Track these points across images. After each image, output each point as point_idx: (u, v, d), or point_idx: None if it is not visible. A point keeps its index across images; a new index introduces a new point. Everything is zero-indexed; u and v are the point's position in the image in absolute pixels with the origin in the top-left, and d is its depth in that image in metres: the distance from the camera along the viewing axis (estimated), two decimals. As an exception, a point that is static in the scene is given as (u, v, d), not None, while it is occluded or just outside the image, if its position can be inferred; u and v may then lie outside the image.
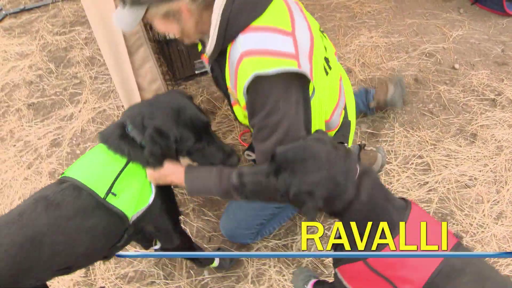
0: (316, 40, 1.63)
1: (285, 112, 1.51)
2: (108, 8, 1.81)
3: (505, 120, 2.66)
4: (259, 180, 1.43)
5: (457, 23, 3.41)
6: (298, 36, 1.51)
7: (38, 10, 3.99)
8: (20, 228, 1.44)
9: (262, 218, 2.06)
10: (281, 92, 1.49)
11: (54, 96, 3.14)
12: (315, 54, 1.58)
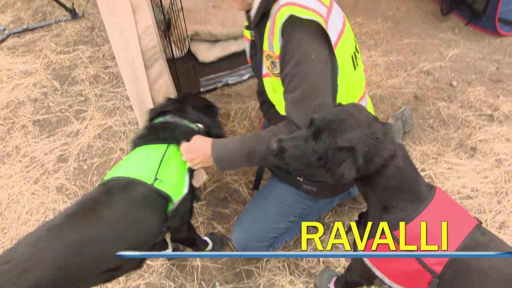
0: (347, 30, 1.73)
1: (315, 64, 1.57)
2: (127, 25, 1.88)
3: (502, 134, 2.75)
4: (298, 144, 1.44)
5: (452, 42, 3.52)
6: (332, 13, 1.63)
7: (41, 29, 4.04)
8: (68, 230, 1.45)
9: (276, 232, 2.08)
10: (312, 43, 1.57)
11: (59, 113, 3.17)
12: (344, 39, 1.67)
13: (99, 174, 2.71)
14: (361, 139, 1.35)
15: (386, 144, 1.37)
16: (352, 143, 1.35)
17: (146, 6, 1.87)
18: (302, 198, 2.05)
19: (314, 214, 2.22)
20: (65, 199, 2.59)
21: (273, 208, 2.06)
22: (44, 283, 1.34)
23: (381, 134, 1.37)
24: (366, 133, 1.35)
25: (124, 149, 2.84)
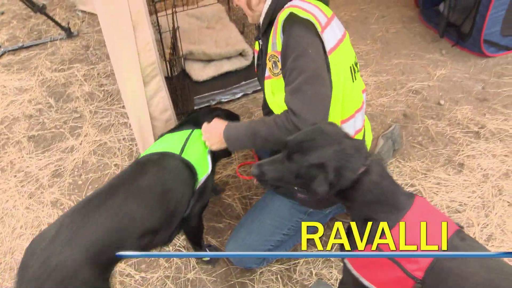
0: (347, 42, 1.86)
1: (313, 58, 1.69)
2: (127, 41, 1.94)
3: (489, 151, 2.83)
4: (275, 166, 1.52)
5: (440, 63, 3.62)
6: (332, 24, 1.78)
7: (37, 47, 4.09)
8: (111, 199, 1.68)
9: (270, 244, 2.12)
10: (310, 40, 1.71)
11: (54, 129, 3.21)
12: (343, 48, 1.81)
13: (94, 189, 2.73)
14: (331, 156, 1.42)
15: (358, 159, 1.44)
16: (322, 159, 1.42)
17: (146, 23, 1.94)
18: (296, 212, 2.10)
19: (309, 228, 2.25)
20: (60, 213, 2.61)
21: (268, 220, 2.11)
22: (97, 245, 1.56)
23: (352, 150, 1.44)
24: (336, 150, 1.43)
25: (119, 165, 2.88)
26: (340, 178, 1.44)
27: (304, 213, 2.11)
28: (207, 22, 3.99)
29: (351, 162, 1.43)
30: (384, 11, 4.36)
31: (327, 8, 1.85)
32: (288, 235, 2.15)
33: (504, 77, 3.44)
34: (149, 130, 2.18)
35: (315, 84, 1.68)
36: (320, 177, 1.43)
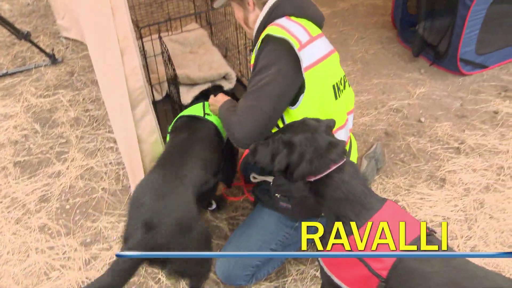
0: (332, 62, 1.99)
1: (270, 75, 1.83)
2: (116, 66, 1.98)
3: (469, 165, 2.91)
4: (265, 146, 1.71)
5: (419, 81, 3.73)
6: (316, 42, 1.90)
7: (21, 74, 4.10)
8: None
9: (258, 260, 2.15)
10: (276, 58, 1.85)
11: (40, 155, 3.21)
12: (324, 67, 1.93)
13: (81, 213, 2.75)
14: (301, 140, 1.60)
15: (328, 154, 1.58)
16: (292, 140, 1.60)
17: (133, 49, 1.99)
18: (283, 226, 2.14)
19: (295, 246, 2.27)
20: (47, 238, 2.61)
21: (255, 235, 2.15)
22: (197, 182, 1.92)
23: (324, 143, 1.59)
24: (308, 137, 1.60)
25: (106, 189, 2.89)
26: (301, 161, 1.59)
27: (291, 228, 2.16)
28: (190, 47, 4.04)
29: (317, 153, 1.58)
30: (363, 32, 4.49)
31: (314, 27, 1.97)
32: (275, 250, 2.17)
33: (481, 94, 3.55)
34: (137, 152, 2.22)
35: (255, 97, 1.85)
36: (284, 152, 1.61)
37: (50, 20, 5.01)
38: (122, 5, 1.90)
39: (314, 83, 1.87)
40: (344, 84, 2.07)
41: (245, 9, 2.07)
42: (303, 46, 1.84)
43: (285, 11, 1.95)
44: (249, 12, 2.05)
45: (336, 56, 2.06)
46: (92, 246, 2.54)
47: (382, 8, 4.96)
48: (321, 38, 1.97)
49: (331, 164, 1.58)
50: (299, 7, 1.97)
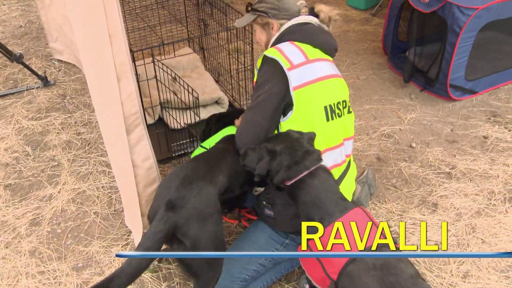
0: (329, 84, 2.12)
1: (265, 92, 2.04)
2: (112, 92, 1.99)
3: (461, 190, 2.94)
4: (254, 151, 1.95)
5: (410, 107, 3.78)
6: (311, 65, 2.07)
7: (13, 96, 4.09)
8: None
9: (247, 273, 2.18)
10: (270, 77, 2.05)
11: (32, 178, 3.19)
12: (317, 88, 2.07)
13: (73, 238, 2.72)
14: (282, 149, 1.85)
15: (304, 161, 1.83)
16: (275, 147, 1.86)
17: (130, 74, 2.00)
18: (273, 242, 2.21)
19: (286, 264, 2.33)
20: (38, 263, 2.57)
21: (247, 248, 2.23)
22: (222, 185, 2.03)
23: (301, 152, 1.84)
24: (289, 147, 1.85)
25: (99, 213, 2.87)
26: (280, 168, 1.84)
27: (281, 244, 2.22)
28: (183, 71, 4.07)
29: (294, 160, 1.83)
30: (355, 58, 4.55)
31: (316, 52, 2.15)
32: (264, 266, 2.22)
33: (471, 119, 3.60)
34: (131, 178, 2.21)
35: (254, 112, 2.07)
36: (266, 159, 1.86)
37: (42, 42, 5.03)
38: (120, 32, 1.92)
39: (303, 101, 2.03)
40: (343, 109, 2.17)
41: (268, 33, 2.30)
42: (295, 66, 2.03)
43: (291, 36, 2.15)
44: (271, 36, 2.27)
45: (338, 81, 2.18)
46: (84, 271, 2.51)
47: (372, 34, 5.04)
48: (321, 61, 2.12)
49: (304, 170, 1.83)
50: (306, 34, 2.16)
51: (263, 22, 2.29)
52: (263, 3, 2.26)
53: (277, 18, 2.23)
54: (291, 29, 2.19)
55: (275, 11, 2.22)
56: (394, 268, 1.65)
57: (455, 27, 3.44)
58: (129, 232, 2.70)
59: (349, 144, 2.29)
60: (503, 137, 3.40)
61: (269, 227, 2.24)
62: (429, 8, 3.57)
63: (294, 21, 2.21)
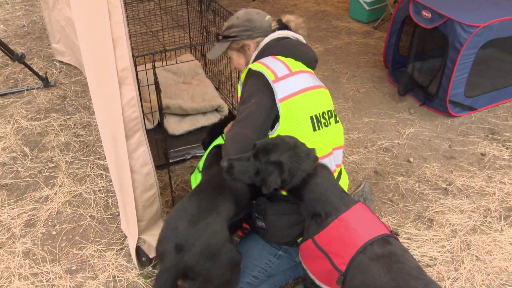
0: (315, 95, 2.15)
1: (252, 105, 2.06)
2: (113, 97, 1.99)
3: (457, 207, 2.94)
4: (243, 162, 1.91)
5: (408, 122, 3.79)
6: (295, 77, 2.10)
7: (13, 96, 4.10)
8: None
9: (239, 286, 2.16)
10: (256, 90, 2.08)
11: (28, 178, 3.19)
12: (302, 99, 2.09)
13: (68, 240, 2.71)
14: (287, 158, 1.85)
15: (308, 163, 1.87)
16: (280, 159, 1.85)
17: (131, 80, 2.01)
18: (267, 254, 2.22)
19: (280, 277, 2.33)
20: (32, 264, 2.56)
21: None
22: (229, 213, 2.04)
23: (303, 155, 1.87)
24: (291, 154, 1.86)
25: (95, 216, 2.87)
26: (293, 176, 1.86)
27: (274, 256, 2.23)
28: (184, 77, 4.09)
29: (301, 165, 1.86)
30: (355, 71, 4.57)
31: (298, 65, 2.18)
32: (258, 279, 2.22)
33: (469, 136, 3.62)
34: (129, 183, 2.21)
35: (241, 125, 2.06)
36: (275, 173, 1.85)
37: (44, 43, 5.04)
38: (123, 37, 1.93)
39: (289, 112, 2.05)
40: (330, 119, 2.19)
41: (246, 55, 2.31)
42: (280, 79, 2.05)
43: (273, 51, 2.19)
44: (250, 56, 2.28)
45: (321, 91, 2.21)
46: (77, 274, 2.51)
47: (374, 47, 5.07)
48: (303, 73, 2.15)
49: (308, 171, 1.87)
50: (287, 48, 2.20)
51: (239, 46, 2.30)
52: (233, 28, 2.28)
53: (252, 38, 2.27)
54: (270, 44, 2.22)
55: (248, 32, 2.25)
56: (401, 256, 1.71)
57: (456, 44, 3.46)
58: (124, 236, 2.70)
59: (339, 153, 2.28)
60: (500, 154, 3.41)
61: (262, 239, 2.25)
62: (431, 24, 3.60)
63: (271, 36, 2.24)
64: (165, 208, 2.89)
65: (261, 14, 2.30)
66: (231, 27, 2.29)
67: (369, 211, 1.90)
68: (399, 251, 1.74)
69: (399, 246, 1.78)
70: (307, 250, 1.90)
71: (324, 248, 1.81)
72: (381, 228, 1.82)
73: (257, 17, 2.27)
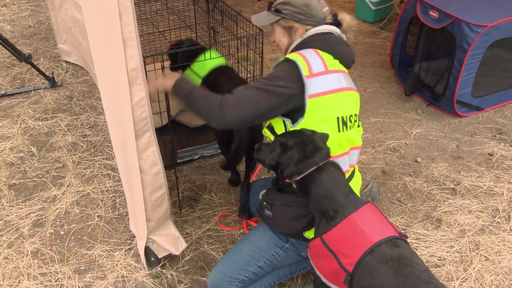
0: (346, 97, 2.12)
1: (277, 81, 2.02)
2: (123, 97, 1.99)
3: (465, 207, 2.94)
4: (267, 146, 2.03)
5: (416, 122, 3.79)
6: (330, 75, 2.08)
7: (19, 96, 4.11)
8: None
9: (245, 275, 2.20)
10: (288, 78, 2.02)
11: (36, 178, 3.19)
12: (334, 99, 2.07)
13: (76, 240, 2.72)
14: (293, 143, 1.90)
15: (313, 157, 1.88)
16: (287, 142, 1.91)
17: (141, 80, 2.00)
18: (273, 245, 2.23)
19: (285, 270, 2.38)
20: (40, 264, 2.57)
21: (246, 250, 2.24)
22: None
23: (311, 148, 1.88)
24: (299, 141, 1.90)
25: (103, 216, 2.87)
26: (289, 162, 1.90)
27: (281, 248, 2.24)
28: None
29: (304, 155, 1.88)
30: (362, 71, 4.57)
31: (335, 64, 2.13)
32: (264, 270, 2.24)
33: (476, 136, 3.61)
34: (138, 183, 2.21)
35: (260, 94, 2.00)
36: (276, 151, 1.92)
37: (51, 43, 5.06)
38: (134, 37, 1.93)
39: (315, 110, 2.02)
40: (354, 123, 2.18)
41: (291, 37, 2.23)
42: (314, 75, 2.00)
43: (314, 45, 2.11)
44: (294, 40, 2.21)
45: (352, 94, 2.18)
46: (86, 274, 2.51)
47: (380, 47, 5.06)
48: (338, 73, 2.11)
49: (313, 165, 1.87)
50: (328, 44, 2.13)
51: (288, 25, 2.20)
52: (289, 6, 2.17)
53: (302, 23, 2.17)
54: (314, 37, 2.15)
55: (301, 16, 2.15)
56: (410, 260, 1.69)
57: (463, 44, 3.46)
58: (133, 236, 2.71)
59: (356, 153, 2.27)
60: (508, 154, 3.40)
61: (271, 231, 2.26)
62: (439, 24, 3.59)
63: (317, 29, 2.17)
64: (173, 209, 2.89)
65: (321, 3, 2.22)
66: (287, 4, 2.18)
67: (378, 212, 1.89)
68: (408, 254, 1.73)
69: (407, 248, 1.77)
70: (316, 248, 1.90)
71: (332, 247, 1.81)
72: (390, 229, 1.81)
73: (316, 5, 2.18)
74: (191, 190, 3.10)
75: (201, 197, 3.03)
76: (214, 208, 2.95)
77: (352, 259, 1.73)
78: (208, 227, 2.80)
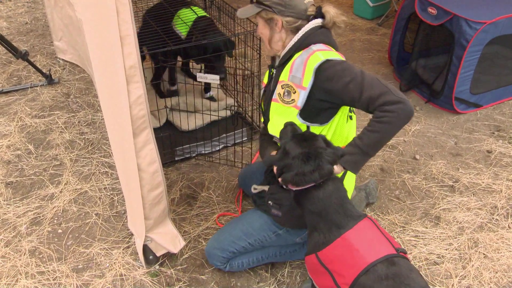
0: None
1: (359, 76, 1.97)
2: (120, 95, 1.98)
3: (463, 204, 2.94)
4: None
5: (414, 119, 3.78)
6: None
7: (16, 93, 4.09)
8: None
9: (235, 247, 2.36)
10: (348, 68, 2.00)
11: (33, 176, 3.18)
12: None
13: (74, 238, 2.71)
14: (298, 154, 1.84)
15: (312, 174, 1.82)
16: (289, 149, 1.87)
17: (139, 78, 1.99)
18: (267, 228, 2.35)
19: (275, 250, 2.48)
20: (38, 263, 2.56)
21: (240, 226, 2.40)
22: None
23: (310, 167, 1.82)
24: (303, 154, 1.83)
25: (100, 214, 2.86)
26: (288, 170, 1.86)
27: (273, 233, 2.35)
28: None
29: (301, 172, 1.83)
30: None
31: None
32: (253, 246, 2.38)
33: (475, 133, 3.61)
34: (136, 181, 2.20)
35: (377, 86, 1.95)
36: (278, 155, 1.91)
37: (47, 40, 5.03)
38: (131, 35, 1.91)
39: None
40: (352, 112, 2.30)
41: (272, 29, 2.20)
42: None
43: (320, 39, 2.11)
44: (275, 32, 2.18)
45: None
46: (84, 273, 2.50)
47: (378, 44, 5.06)
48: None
49: (310, 182, 1.84)
50: (329, 37, 2.16)
51: (268, 17, 2.17)
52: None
53: (282, 15, 2.12)
54: (315, 32, 2.12)
55: (281, 7, 2.11)
56: (406, 278, 1.67)
57: (462, 41, 3.45)
58: (131, 234, 2.69)
59: None
60: (506, 152, 3.40)
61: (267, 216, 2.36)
62: (437, 21, 3.58)
63: (313, 23, 2.13)
64: (171, 207, 2.88)
65: None
66: None
67: (375, 228, 1.84)
68: (405, 271, 1.70)
69: (405, 265, 1.73)
70: (312, 264, 1.89)
71: (327, 265, 1.80)
72: (387, 247, 1.77)
73: None
74: (189, 187, 3.09)
75: (199, 195, 3.02)
76: (212, 206, 2.94)
77: (347, 279, 1.72)
78: (206, 225, 2.79)
